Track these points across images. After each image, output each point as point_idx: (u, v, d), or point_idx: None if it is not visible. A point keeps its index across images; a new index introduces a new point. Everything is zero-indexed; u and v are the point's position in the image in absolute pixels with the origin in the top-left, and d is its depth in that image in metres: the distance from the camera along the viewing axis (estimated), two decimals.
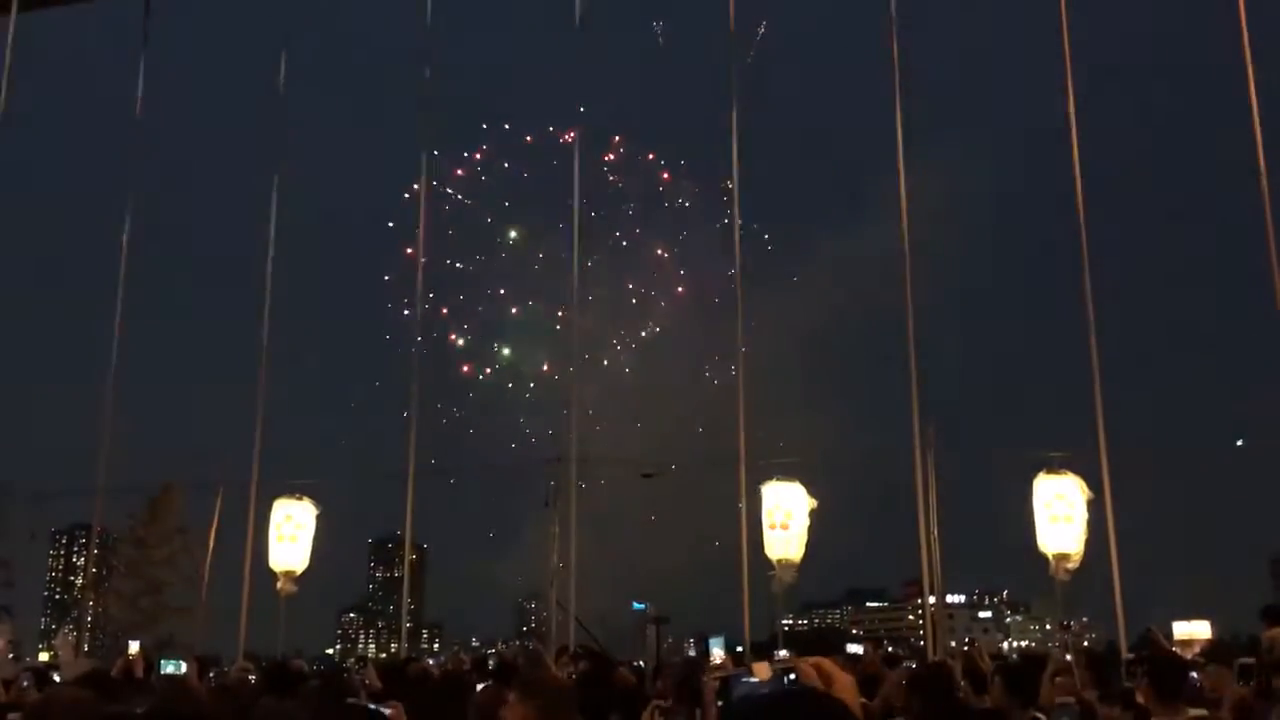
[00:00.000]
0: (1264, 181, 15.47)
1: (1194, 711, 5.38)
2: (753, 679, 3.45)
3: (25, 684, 9.55)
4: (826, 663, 3.29)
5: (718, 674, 3.91)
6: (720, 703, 3.50)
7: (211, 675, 14.50)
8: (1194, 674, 7.97)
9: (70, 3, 21.28)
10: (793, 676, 3.47)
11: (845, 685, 3.08)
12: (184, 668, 9.83)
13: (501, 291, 51.53)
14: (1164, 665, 5.97)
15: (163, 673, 9.95)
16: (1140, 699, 7.55)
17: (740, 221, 18.64)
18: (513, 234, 52.04)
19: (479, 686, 8.86)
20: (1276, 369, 15.01)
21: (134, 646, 11.96)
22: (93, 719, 1.70)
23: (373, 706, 4.75)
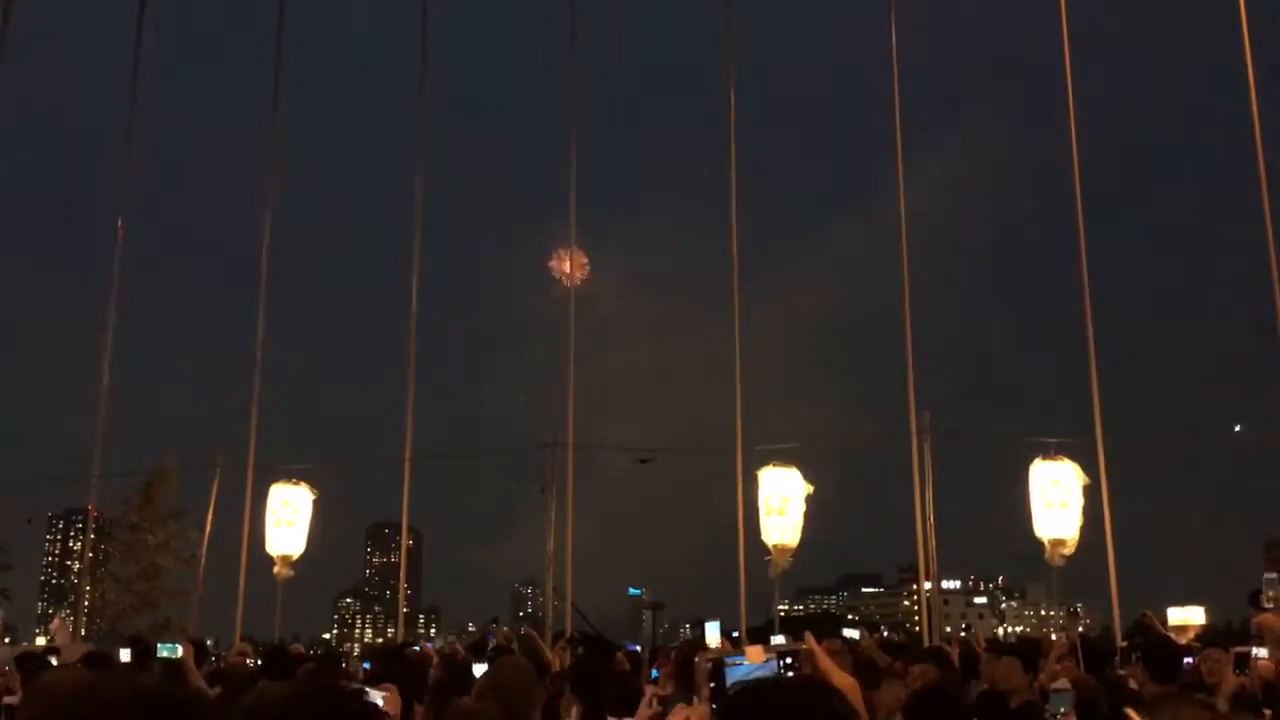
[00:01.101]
0: (1263, 173, 15.52)
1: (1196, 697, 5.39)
2: (746, 662, 3.44)
3: (8, 669, 9.38)
4: (827, 660, 3.28)
5: (710, 656, 3.90)
6: (712, 684, 3.49)
7: (214, 659, 14.49)
8: (1188, 659, 7.99)
9: None
10: (788, 661, 3.47)
11: (847, 686, 3.07)
12: (180, 652, 9.81)
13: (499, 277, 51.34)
14: (1158, 649, 5.99)
15: (159, 656, 9.93)
16: (1133, 684, 7.58)
17: (736, 208, 18.61)
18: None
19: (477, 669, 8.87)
20: (1273, 356, 15.04)
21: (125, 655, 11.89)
22: (112, 700, 1.70)
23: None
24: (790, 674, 3.39)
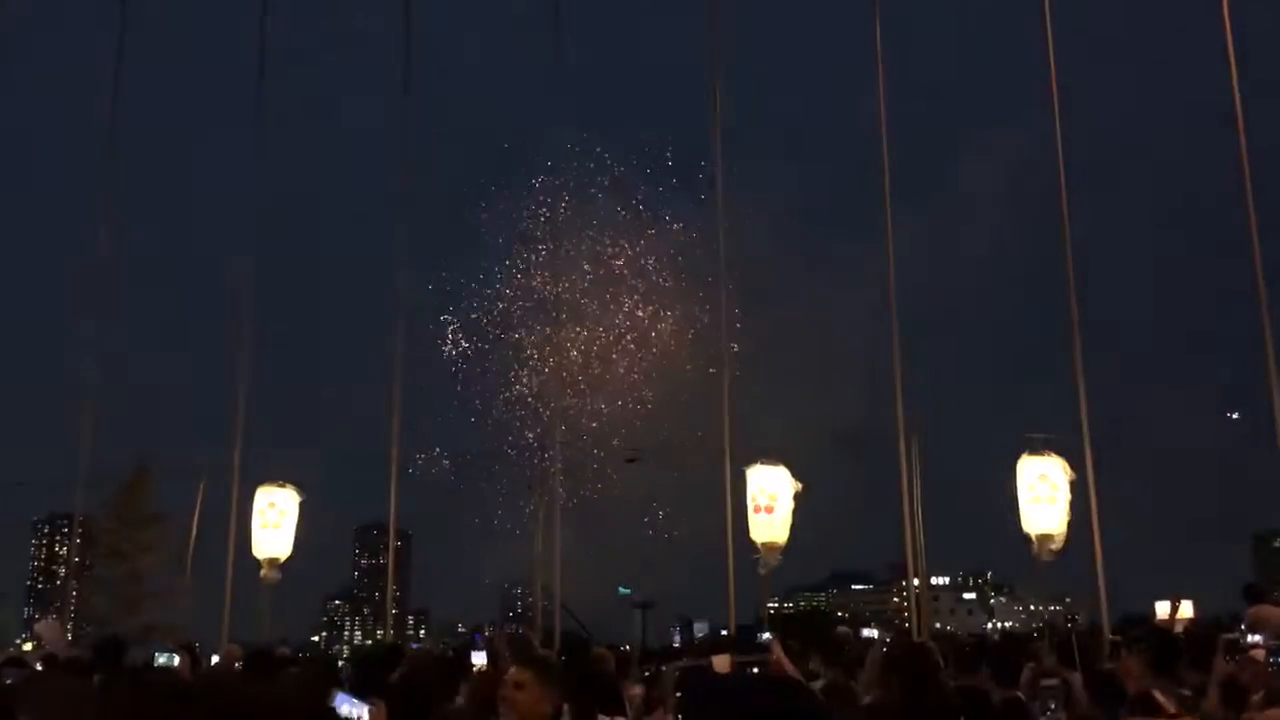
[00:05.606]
0: (1247, 175, 15.54)
1: (1185, 692, 5.39)
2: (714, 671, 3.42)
3: None
4: (791, 668, 3.27)
5: (678, 665, 3.89)
6: (679, 694, 3.47)
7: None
8: None
9: None
10: (755, 671, 3.45)
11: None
12: (176, 660, 9.75)
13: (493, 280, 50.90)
14: (1160, 641, 5.97)
15: (156, 664, 9.85)
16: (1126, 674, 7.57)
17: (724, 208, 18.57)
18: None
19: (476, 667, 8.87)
20: (1261, 346, 15.05)
21: None
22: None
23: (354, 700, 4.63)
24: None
